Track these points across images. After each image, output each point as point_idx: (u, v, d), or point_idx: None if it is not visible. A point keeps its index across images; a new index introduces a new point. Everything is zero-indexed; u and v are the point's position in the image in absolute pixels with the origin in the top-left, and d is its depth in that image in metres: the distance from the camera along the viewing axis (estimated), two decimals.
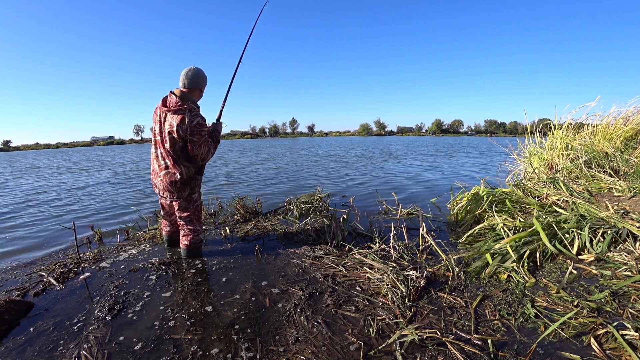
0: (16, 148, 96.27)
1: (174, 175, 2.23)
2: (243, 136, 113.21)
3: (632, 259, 1.93)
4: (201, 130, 2.15)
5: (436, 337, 1.43)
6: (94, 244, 2.90)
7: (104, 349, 1.44)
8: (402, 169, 8.39)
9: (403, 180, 6.41)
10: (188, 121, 2.10)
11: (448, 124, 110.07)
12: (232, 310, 1.72)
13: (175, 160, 2.21)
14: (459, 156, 13.01)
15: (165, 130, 2.16)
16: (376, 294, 1.83)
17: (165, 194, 2.33)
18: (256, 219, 3.42)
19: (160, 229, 2.97)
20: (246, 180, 7.02)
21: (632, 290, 1.68)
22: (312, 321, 1.59)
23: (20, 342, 1.51)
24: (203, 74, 2.26)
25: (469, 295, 1.78)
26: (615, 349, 1.31)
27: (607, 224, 2.29)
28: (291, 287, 1.95)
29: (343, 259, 2.27)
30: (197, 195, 2.43)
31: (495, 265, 2.00)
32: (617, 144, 4.11)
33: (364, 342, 1.43)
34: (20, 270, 2.36)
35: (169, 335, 1.53)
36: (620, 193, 3.01)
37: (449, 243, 2.60)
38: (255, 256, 2.46)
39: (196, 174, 2.34)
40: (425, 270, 1.97)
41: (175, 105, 2.12)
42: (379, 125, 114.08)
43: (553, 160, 4.32)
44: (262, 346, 1.43)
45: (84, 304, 1.84)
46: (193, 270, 2.24)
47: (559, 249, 2.14)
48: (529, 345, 1.37)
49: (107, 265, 2.37)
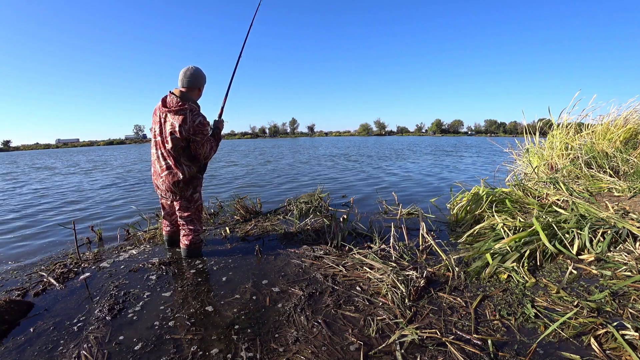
0: (16, 148, 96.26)
1: (177, 175, 2.22)
2: (243, 136, 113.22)
3: (632, 259, 1.94)
4: (203, 129, 2.16)
5: (436, 337, 1.43)
6: (94, 244, 2.90)
7: (104, 349, 1.44)
8: (402, 169, 8.39)
9: (403, 180, 6.41)
10: (190, 121, 2.09)
11: (448, 124, 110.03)
12: (232, 310, 1.72)
13: (176, 160, 2.21)
14: (458, 156, 13.01)
15: (166, 131, 2.15)
16: (376, 294, 1.83)
17: (167, 195, 2.32)
18: (256, 219, 3.42)
19: (160, 229, 2.97)
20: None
21: (632, 290, 1.68)
22: (312, 321, 1.59)
23: (20, 342, 1.51)
24: (202, 73, 2.26)
25: (469, 295, 1.78)
26: (615, 349, 1.31)
27: (607, 224, 2.29)
28: (291, 287, 1.95)
29: (343, 259, 2.27)
30: (199, 195, 2.43)
31: (495, 265, 2.00)
32: (616, 144, 4.11)
33: (364, 342, 1.43)
34: (20, 270, 2.36)
35: (169, 335, 1.53)
36: (620, 193, 3.01)
37: (449, 243, 2.60)
38: (255, 256, 2.46)
39: (198, 173, 2.33)
40: (425, 270, 1.97)
41: (176, 106, 2.11)
42: (379, 125, 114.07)
43: (553, 160, 4.32)
44: (262, 346, 1.43)
45: (84, 304, 1.83)
46: (193, 270, 2.24)
47: (559, 249, 2.14)
48: (529, 345, 1.37)
49: (107, 265, 2.37)
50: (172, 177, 2.23)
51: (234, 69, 2.71)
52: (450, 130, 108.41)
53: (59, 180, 8.28)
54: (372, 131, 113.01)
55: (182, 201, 2.34)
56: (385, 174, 7.37)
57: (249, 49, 2.79)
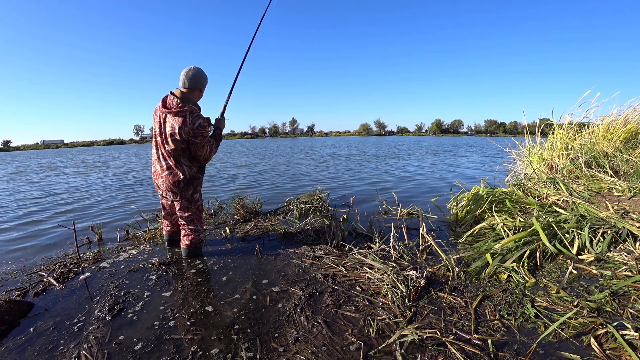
0: (16, 148, 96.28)
1: (177, 175, 2.22)
2: (243, 136, 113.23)
3: (632, 259, 1.93)
4: (203, 132, 2.15)
5: (436, 337, 1.43)
6: (94, 244, 2.90)
7: (104, 349, 1.44)
8: (402, 169, 8.39)
9: (403, 179, 6.41)
10: (190, 123, 2.09)
11: (448, 124, 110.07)
12: (232, 310, 1.72)
13: (177, 160, 2.21)
14: (459, 156, 13.01)
15: (166, 132, 2.15)
16: (376, 294, 1.83)
17: (168, 195, 2.32)
18: (256, 219, 3.42)
19: (160, 228, 2.97)
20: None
21: (632, 290, 1.68)
22: (312, 321, 1.59)
23: (20, 342, 1.51)
24: (203, 73, 2.25)
25: (469, 295, 1.78)
26: (615, 349, 1.31)
27: (607, 224, 2.29)
28: (291, 287, 1.95)
29: (343, 259, 2.27)
30: (199, 195, 2.43)
31: (495, 265, 2.00)
32: (617, 144, 4.11)
33: (364, 342, 1.43)
34: (20, 270, 2.36)
35: (169, 335, 1.53)
36: (620, 193, 3.01)
37: (449, 243, 2.60)
38: (255, 256, 2.46)
39: (198, 173, 2.33)
40: (425, 270, 1.97)
41: (176, 107, 2.10)
42: (379, 125, 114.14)
43: (553, 160, 4.32)
44: (262, 346, 1.43)
45: (84, 304, 1.84)
46: (193, 270, 2.24)
47: (559, 249, 2.14)
48: (529, 345, 1.37)
49: (107, 265, 2.37)
50: (172, 177, 2.23)
51: (239, 69, 2.66)
52: (450, 130, 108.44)
53: (59, 180, 8.28)
54: (372, 131, 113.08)
55: (182, 201, 2.34)
56: (386, 174, 7.36)
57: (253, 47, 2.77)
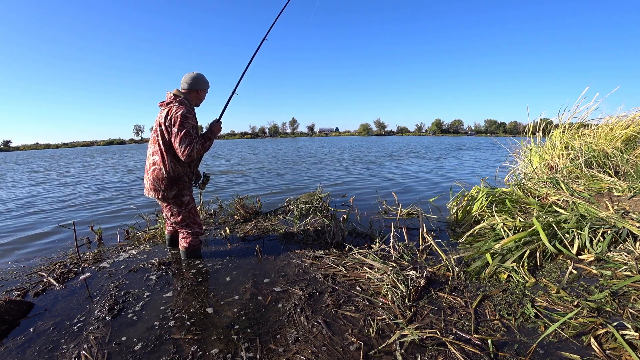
0: (16, 148, 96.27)
1: (160, 170, 2.17)
2: (243, 136, 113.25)
3: (632, 259, 1.93)
4: (184, 122, 2.09)
5: (436, 337, 1.43)
6: (94, 244, 2.90)
7: (104, 349, 1.44)
8: (402, 169, 8.39)
9: (403, 179, 6.41)
10: (173, 112, 2.11)
11: (448, 124, 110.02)
12: (232, 311, 1.72)
13: (163, 156, 2.17)
14: (459, 155, 13.00)
15: (156, 126, 2.19)
16: (376, 294, 1.83)
17: (150, 193, 2.25)
18: (256, 219, 3.42)
19: (160, 228, 2.97)
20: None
21: (632, 290, 1.68)
22: (312, 321, 1.59)
23: (20, 342, 1.51)
24: (202, 77, 2.30)
25: (469, 295, 1.78)
26: (615, 349, 1.31)
27: (607, 224, 2.29)
28: (291, 287, 1.95)
29: (343, 259, 2.27)
30: (189, 199, 2.36)
31: (495, 265, 2.00)
32: (617, 144, 4.11)
33: (364, 342, 1.43)
34: (20, 270, 2.36)
35: (169, 335, 1.53)
36: (620, 193, 3.01)
37: (449, 243, 2.60)
38: (255, 256, 2.46)
39: (185, 177, 2.25)
40: (425, 270, 1.98)
41: (168, 99, 2.19)
42: (379, 125, 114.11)
43: (553, 160, 4.32)
44: (262, 346, 1.43)
45: (84, 304, 1.84)
46: (193, 270, 2.24)
47: (559, 249, 2.14)
48: (529, 345, 1.37)
49: (107, 265, 2.37)
50: (155, 172, 2.19)
51: (240, 76, 2.66)
52: (450, 130, 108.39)
53: (59, 180, 8.28)
54: (372, 131, 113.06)
55: (170, 206, 2.30)
56: (386, 174, 7.36)
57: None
